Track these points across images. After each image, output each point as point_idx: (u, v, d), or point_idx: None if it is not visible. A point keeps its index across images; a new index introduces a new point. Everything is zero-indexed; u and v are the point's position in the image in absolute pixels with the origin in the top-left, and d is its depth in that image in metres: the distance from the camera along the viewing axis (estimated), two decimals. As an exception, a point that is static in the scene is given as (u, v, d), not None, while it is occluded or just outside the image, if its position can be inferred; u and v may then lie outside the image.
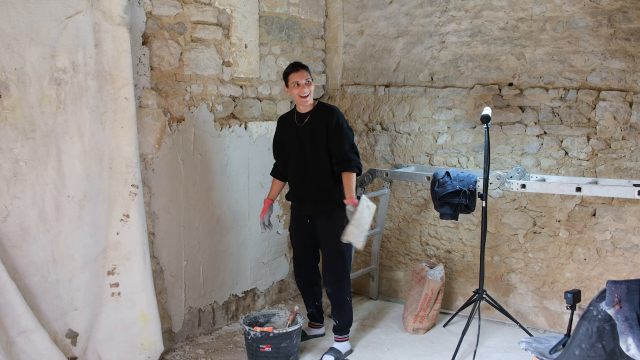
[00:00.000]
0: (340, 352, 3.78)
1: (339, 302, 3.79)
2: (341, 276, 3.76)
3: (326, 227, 3.73)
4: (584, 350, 2.56)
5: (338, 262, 3.73)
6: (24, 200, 2.96)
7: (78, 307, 3.22)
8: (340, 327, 3.83)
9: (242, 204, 4.33)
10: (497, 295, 4.36)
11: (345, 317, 3.82)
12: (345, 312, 3.82)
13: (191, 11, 3.79)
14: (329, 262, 3.76)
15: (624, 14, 3.82)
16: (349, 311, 3.83)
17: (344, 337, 3.84)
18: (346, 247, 3.67)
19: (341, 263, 3.74)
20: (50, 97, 3.01)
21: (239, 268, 4.36)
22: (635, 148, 3.84)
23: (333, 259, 3.73)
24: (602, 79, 3.94)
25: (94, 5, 3.12)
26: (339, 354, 3.76)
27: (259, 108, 4.41)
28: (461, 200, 3.85)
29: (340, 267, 3.74)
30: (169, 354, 3.79)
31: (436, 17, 4.55)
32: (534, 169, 4.18)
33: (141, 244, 3.37)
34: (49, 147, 3.02)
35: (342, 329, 3.83)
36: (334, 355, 3.74)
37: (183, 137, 3.82)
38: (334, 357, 3.73)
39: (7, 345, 2.91)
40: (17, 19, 2.85)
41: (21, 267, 2.99)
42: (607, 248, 3.96)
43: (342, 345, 3.82)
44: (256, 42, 4.31)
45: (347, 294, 3.80)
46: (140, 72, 3.51)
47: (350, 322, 3.87)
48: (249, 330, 3.55)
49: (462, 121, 4.47)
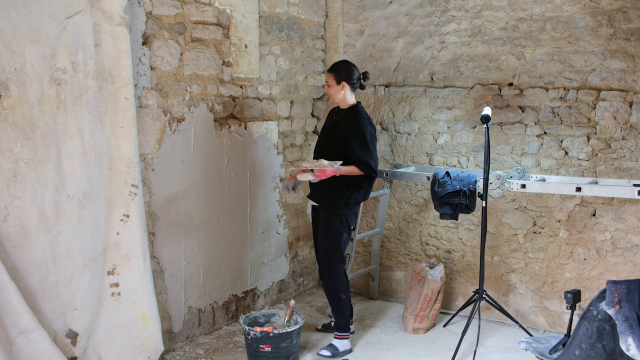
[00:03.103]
0: (338, 348, 3.81)
1: (334, 299, 3.84)
2: (332, 271, 3.80)
3: (322, 220, 3.83)
4: (584, 350, 2.56)
5: (328, 256, 3.80)
6: (24, 200, 2.96)
7: (78, 307, 3.22)
8: (337, 325, 3.87)
9: (242, 204, 4.33)
10: (497, 295, 4.36)
11: (341, 315, 3.84)
12: (341, 311, 3.84)
13: (191, 11, 3.79)
14: (321, 256, 3.86)
15: (624, 14, 3.82)
16: (345, 310, 3.84)
17: (343, 335, 3.85)
18: (336, 243, 3.77)
19: (334, 259, 3.79)
20: (50, 97, 3.00)
21: (239, 268, 4.36)
22: (635, 148, 3.84)
23: (324, 252, 3.82)
24: (602, 79, 3.94)
25: (94, 5, 3.12)
26: (336, 350, 3.80)
27: (259, 108, 4.41)
28: (461, 200, 3.85)
29: (331, 262, 3.80)
30: (169, 354, 3.79)
31: (436, 17, 4.55)
32: (534, 169, 4.18)
33: (141, 244, 3.37)
34: (49, 147, 3.02)
35: (340, 328, 3.85)
36: (331, 351, 3.79)
37: (183, 137, 3.82)
38: (331, 352, 3.78)
39: (7, 345, 2.91)
40: (17, 19, 2.85)
41: (21, 267, 2.99)
42: (607, 248, 3.96)
43: (341, 342, 3.83)
44: (256, 42, 4.31)
45: (341, 292, 3.82)
46: (140, 72, 3.51)
47: (348, 322, 3.88)
48: (249, 330, 3.55)
49: (462, 121, 4.47)
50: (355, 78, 3.78)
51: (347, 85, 3.76)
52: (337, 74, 3.76)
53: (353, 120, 3.71)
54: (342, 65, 3.81)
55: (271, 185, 4.59)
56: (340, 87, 3.76)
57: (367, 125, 3.71)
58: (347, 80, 3.75)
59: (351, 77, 3.76)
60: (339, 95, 3.79)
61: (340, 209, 3.74)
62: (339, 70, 3.77)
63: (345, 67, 3.79)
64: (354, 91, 3.82)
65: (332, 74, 3.78)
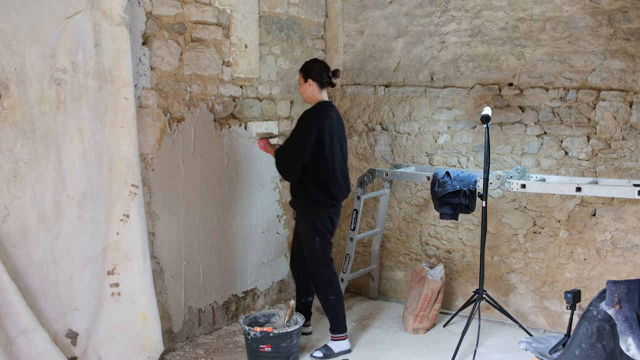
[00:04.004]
0: (332, 350, 3.81)
1: (323, 300, 3.86)
2: (318, 273, 3.81)
3: (300, 225, 3.87)
4: (584, 350, 2.56)
5: (311, 259, 3.82)
6: (24, 200, 2.96)
7: (78, 307, 3.22)
8: (331, 327, 3.87)
9: (242, 204, 4.33)
10: (497, 295, 4.36)
11: (333, 316, 3.84)
12: (332, 312, 3.84)
13: (191, 11, 3.79)
14: (307, 259, 3.87)
15: (624, 14, 3.82)
16: (336, 311, 3.83)
17: (338, 337, 3.85)
18: (312, 247, 3.77)
19: (315, 262, 3.81)
20: (50, 97, 3.00)
21: (239, 268, 4.36)
22: (635, 148, 3.84)
23: (308, 255, 3.84)
24: (602, 79, 3.94)
25: (94, 5, 3.12)
26: (329, 351, 3.80)
27: (259, 108, 4.41)
28: (461, 200, 3.85)
29: (316, 266, 3.80)
30: (169, 354, 3.79)
31: (436, 17, 4.55)
32: (534, 169, 4.18)
33: (141, 244, 3.37)
34: (49, 147, 3.02)
35: (334, 329, 3.85)
36: (323, 352, 3.79)
37: (183, 137, 3.82)
38: (323, 353, 3.78)
39: (7, 345, 2.91)
40: (17, 19, 2.85)
41: (21, 267, 2.99)
42: (607, 248, 3.96)
43: (336, 344, 3.83)
44: (256, 42, 4.31)
45: (329, 293, 3.81)
46: (140, 72, 3.51)
47: (341, 323, 3.85)
48: (249, 330, 3.55)
49: (462, 121, 4.47)
50: (323, 76, 3.75)
51: (314, 83, 3.74)
52: (305, 72, 3.77)
53: (300, 117, 3.74)
54: (310, 64, 3.81)
55: (271, 185, 4.59)
56: (307, 85, 3.75)
57: (310, 126, 3.62)
58: (313, 77, 3.74)
59: (318, 74, 3.74)
60: (306, 93, 3.79)
61: (307, 212, 3.77)
62: (306, 68, 3.78)
63: (313, 65, 3.79)
64: (324, 89, 3.79)
65: (301, 73, 3.79)
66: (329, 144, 3.65)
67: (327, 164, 3.65)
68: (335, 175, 3.70)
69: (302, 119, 3.70)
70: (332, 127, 3.70)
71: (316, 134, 3.60)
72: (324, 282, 3.81)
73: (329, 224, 3.78)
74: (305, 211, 3.78)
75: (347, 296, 4.91)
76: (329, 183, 3.68)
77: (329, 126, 3.67)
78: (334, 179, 3.69)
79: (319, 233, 3.74)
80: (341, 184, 3.76)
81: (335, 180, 3.70)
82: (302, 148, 3.59)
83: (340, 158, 3.74)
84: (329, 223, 3.78)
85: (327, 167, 3.66)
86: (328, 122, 3.67)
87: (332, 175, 3.68)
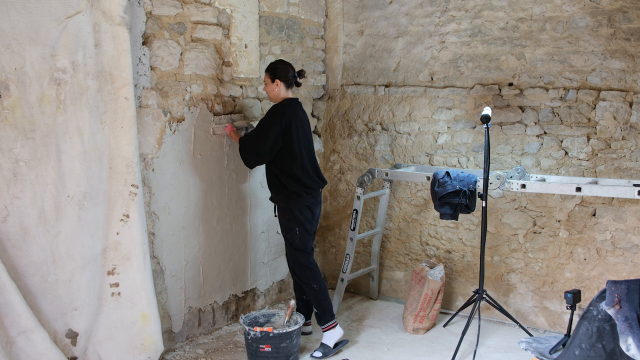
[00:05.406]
0: (329, 346, 3.82)
1: (307, 289, 3.90)
2: (297, 264, 3.91)
3: (280, 217, 3.93)
4: (584, 350, 2.56)
5: (291, 250, 3.91)
6: (23, 200, 2.96)
7: (78, 307, 3.22)
8: (319, 317, 3.88)
9: (242, 204, 4.33)
10: (497, 295, 4.36)
11: (318, 304, 3.87)
12: (318, 299, 3.87)
13: (191, 11, 3.79)
14: (287, 250, 3.98)
15: (624, 14, 3.82)
16: (321, 298, 3.87)
17: (328, 326, 3.86)
18: (291, 237, 3.87)
19: (294, 252, 3.90)
20: (50, 97, 3.00)
21: (239, 268, 4.36)
22: (635, 148, 3.84)
23: (286, 246, 3.96)
24: (602, 79, 3.94)
25: (94, 5, 3.12)
26: (327, 348, 3.82)
27: (259, 108, 4.41)
28: (461, 200, 3.86)
29: (295, 256, 3.90)
30: (169, 354, 3.79)
31: (436, 17, 4.55)
32: (534, 169, 4.18)
33: (141, 244, 3.37)
34: (48, 147, 3.02)
35: (322, 318, 3.87)
36: (322, 351, 3.81)
37: (183, 137, 3.82)
38: (322, 352, 3.81)
39: (7, 345, 2.91)
40: (17, 19, 2.85)
41: (21, 267, 2.99)
42: (607, 248, 3.96)
43: (329, 335, 3.85)
44: (256, 42, 4.31)
45: (312, 282, 3.87)
46: (140, 72, 3.51)
47: (328, 310, 3.88)
48: (249, 330, 3.55)
49: (462, 121, 4.47)
50: (290, 76, 3.85)
51: (282, 83, 3.84)
52: (272, 72, 3.85)
53: (268, 111, 3.84)
54: (277, 64, 3.88)
55: (271, 185, 4.59)
56: (275, 85, 3.84)
57: (277, 120, 3.73)
58: (280, 78, 3.83)
59: (285, 75, 3.84)
60: (273, 93, 3.87)
61: (286, 204, 3.84)
62: (273, 68, 3.86)
63: (279, 65, 3.87)
64: (290, 88, 3.89)
65: (268, 73, 3.87)
66: (297, 139, 3.79)
67: (296, 157, 3.79)
68: (305, 167, 3.84)
69: (270, 113, 3.83)
70: (299, 122, 3.84)
71: (284, 128, 3.74)
72: (303, 271, 3.90)
73: (309, 214, 3.89)
74: (284, 203, 3.86)
75: (347, 296, 4.92)
76: (301, 174, 3.82)
77: (296, 121, 3.81)
78: (304, 170, 3.83)
79: (299, 223, 3.85)
80: (311, 174, 3.89)
81: (305, 171, 3.84)
82: (266, 138, 3.72)
83: (308, 151, 3.90)
84: (309, 213, 3.89)
85: (297, 159, 3.79)
86: (295, 118, 3.82)
87: (302, 166, 3.82)
